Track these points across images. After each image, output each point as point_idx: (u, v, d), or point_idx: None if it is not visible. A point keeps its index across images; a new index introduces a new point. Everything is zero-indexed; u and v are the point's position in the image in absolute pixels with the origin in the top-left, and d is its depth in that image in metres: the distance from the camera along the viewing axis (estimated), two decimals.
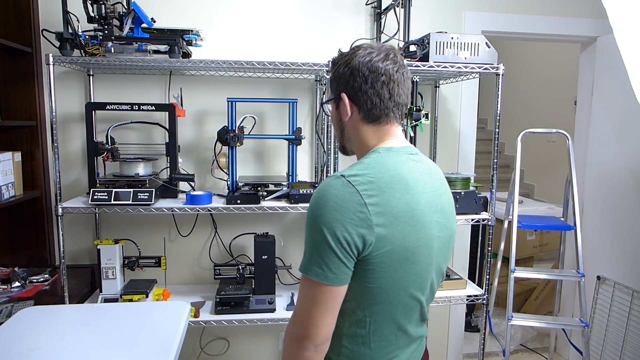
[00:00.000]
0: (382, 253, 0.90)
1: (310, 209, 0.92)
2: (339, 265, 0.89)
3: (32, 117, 2.11)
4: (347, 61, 1.01)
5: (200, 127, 2.28)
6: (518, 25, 2.46)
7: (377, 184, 0.91)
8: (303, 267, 0.92)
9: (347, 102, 1.02)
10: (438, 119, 2.44)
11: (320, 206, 0.90)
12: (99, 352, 1.20)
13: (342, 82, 1.02)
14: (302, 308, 0.93)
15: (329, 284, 0.89)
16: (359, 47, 1.02)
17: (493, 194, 2.04)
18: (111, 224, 2.27)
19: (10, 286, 1.88)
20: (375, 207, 0.89)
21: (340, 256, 0.88)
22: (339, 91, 1.03)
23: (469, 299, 2.13)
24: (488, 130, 5.90)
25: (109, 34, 1.83)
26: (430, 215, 0.97)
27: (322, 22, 2.30)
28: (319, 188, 0.93)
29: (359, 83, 0.99)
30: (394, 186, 0.92)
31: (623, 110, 2.44)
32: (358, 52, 1.01)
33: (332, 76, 1.06)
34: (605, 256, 2.56)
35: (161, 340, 1.26)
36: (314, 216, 0.91)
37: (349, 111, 1.02)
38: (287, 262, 2.34)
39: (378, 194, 0.90)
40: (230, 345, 2.43)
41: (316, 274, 0.89)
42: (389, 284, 0.94)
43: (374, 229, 0.88)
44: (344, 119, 1.05)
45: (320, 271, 0.89)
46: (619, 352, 2.41)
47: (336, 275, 0.89)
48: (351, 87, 1.01)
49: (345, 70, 1.01)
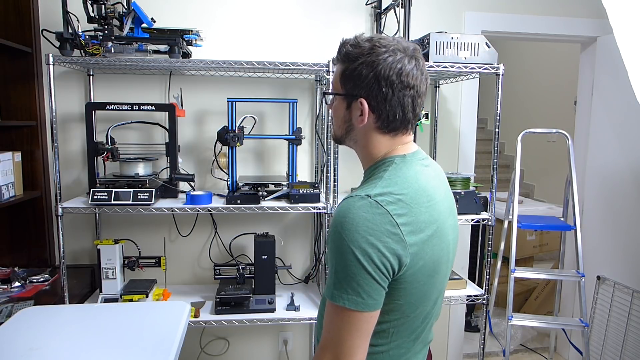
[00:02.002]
0: (415, 271, 0.87)
1: (337, 234, 0.84)
2: (377, 290, 0.84)
3: (32, 117, 2.11)
4: (372, 62, 0.88)
5: (200, 127, 2.28)
6: (518, 25, 2.46)
7: (405, 201, 0.86)
8: (336, 297, 0.84)
9: (366, 109, 0.91)
10: (438, 119, 2.44)
11: (350, 231, 0.82)
12: (99, 352, 1.20)
13: (363, 85, 0.90)
14: (337, 337, 0.86)
15: (369, 310, 0.84)
16: (382, 44, 0.89)
17: (493, 194, 2.04)
18: (111, 224, 2.27)
19: (10, 286, 1.88)
20: (406, 227, 0.84)
21: (378, 281, 0.83)
22: (356, 93, 0.91)
23: (469, 299, 2.14)
24: (488, 130, 5.90)
25: (109, 34, 1.83)
26: (447, 221, 0.95)
27: (322, 22, 2.30)
28: (343, 211, 0.85)
29: (384, 93, 0.89)
30: (418, 200, 0.88)
31: (623, 110, 2.44)
32: (382, 53, 0.88)
33: (349, 71, 0.91)
34: (605, 256, 2.56)
35: (161, 340, 1.26)
36: (343, 241, 0.83)
37: (365, 118, 0.92)
38: (287, 262, 2.34)
39: (407, 212, 0.85)
40: (230, 345, 2.43)
41: (354, 302, 0.83)
42: (417, 298, 0.91)
43: (408, 249, 0.85)
44: (355, 124, 0.95)
45: (359, 299, 0.83)
46: (619, 352, 2.41)
47: (376, 301, 0.84)
48: (374, 95, 0.90)
49: (368, 73, 0.89)
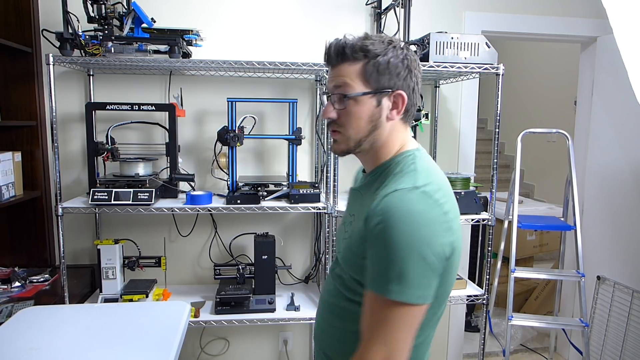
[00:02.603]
0: (455, 258, 0.89)
1: (393, 229, 0.82)
2: (435, 281, 0.85)
3: (32, 117, 2.11)
4: (399, 56, 0.93)
5: (200, 127, 2.28)
6: (518, 25, 2.46)
7: (443, 189, 0.90)
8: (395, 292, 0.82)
9: (404, 100, 0.94)
10: (438, 119, 2.44)
11: (407, 224, 0.82)
12: (99, 352, 1.20)
13: (397, 77, 0.93)
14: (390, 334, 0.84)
15: (425, 303, 0.85)
16: (392, 38, 0.96)
17: (493, 194, 2.04)
18: (111, 224, 2.27)
19: (10, 286, 1.88)
20: (451, 214, 0.87)
21: (436, 272, 0.84)
22: (392, 86, 0.93)
23: (469, 299, 2.14)
24: (488, 130, 5.90)
25: (109, 34, 1.83)
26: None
27: (322, 22, 2.30)
28: (395, 204, 0.84)
29: (414, 82, 0.96)
30: (448, 189, 0.92)
31: (623, 110, 2.44)
32: (406, 48, 0.95)
33: (377, 65, 0.92)
34: (605, 256, 2.56)
35: (161, 340, 1.26)
36: (402, 235, 0.81)
37: (401, 111, 0.95)
38: (287, 262, 2.34)
39: (447, 200, 0.88)
40: (230, 345, 2.43)
41: (414, 296, 0.82)
42: (450, 286, 0.92)
43: (455, 234, 0.87)
44: (383, 120, 0.95)
45: (419, 292, 0.83)
46: (619, 352, 2.41)
47: (431, 293, 0.85)
48: (407, 84, 0.94)
49: (400, 64, 0.93)
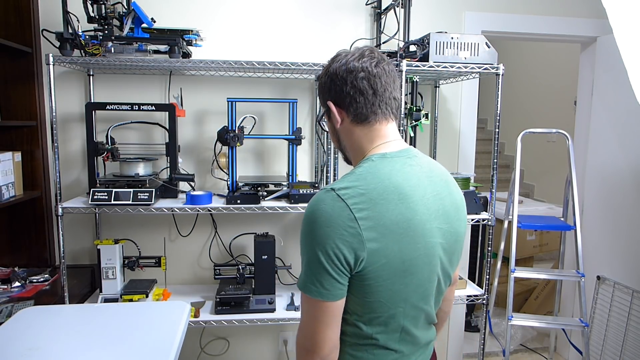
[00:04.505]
0: (377, 267, 0.88)
1: (303, 224, 0.92)
2: (331, 281, 0.89)
3: (32, 117, 2.11)
4: (326, 71, 1.02)
5: (200, 127, 2.28)
6: (518, 25, 2.46)
7: (368, 196, 0.88)
8: (300, 284, 0.92)
9: (334, 108, 1.01)
10: (438, 119, 2.44)
11: (311, 222, 0.89)
12: (99, 352, 1.20)
13: (325, 90, 1.03)
14: (305, 323, 0.94)
15: (324, 300, 0.90)
16: (337, 55, 1.03)
17: (493, 194, 2.04)
18: (111, 224, 2.27)
19: (10, 286, 1.88)
20: (366, 222, 0.86)
21: (332, 273, 0.88)
22: (325, 100, 1.04)
23: (469, 299, 2.14)
24: (488, 130, 5.90)
25: (109, 34, 1.83)
26: (431, 222, 0.94)
27: (322, 22, 2.30)
28: (310, 203, 0.93)
29: (339, 86, 0.98)
30: (386, 197, 0.89)
31: (623, 110, 2.44)
32: (335, 59, 1.02)
33: (318, 90, 1.07)
34: (605, 256, 2.56)
35: (161, 340, 1.26)
36: (306, 232, 0.90)
37: (338, 117, 1.01)
38: (287, 262, 2.34)
39: (369, 207, 0.87)
40: (230, 345, 2.43)
41: (310, 290, 0.90)
42: (387, 296, 0.92)
43: (366, 244, 0.86)
44: (336, 127, 1.04)
45: (315, 288, 0.89)
46: (619, 352, 2.41)
47: (329, 292, 0.89)
48: (334, 92, 1.00)
49: (326, 79, 1.02)
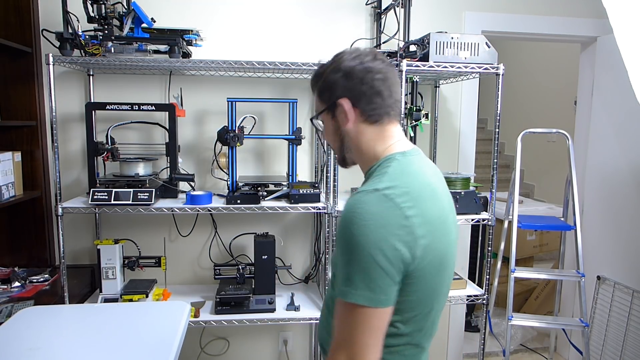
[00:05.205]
0: (425, 264, 0.87)
1: (347, 230, 0.84)
2: (390, 285, 0.84)
3: (32, 117, 2.11)
4: (335, 67, 0.98)
5: (200, 127, 2.28)
6: (518, 25, 2.46)
7: (412, 194, 0.87)
8: (348, 294, 0.84)
9: (349, 106, 0.97)
10: (438, 119, 2.44)
11: (360, 226, 0.83)
12: (99, 352, 1.20)
13: (336, 87, 0.97)
14: (350, 336, 0.85)
15: (381, 306, 0.84)
16: (342, 53, 0.99)
17: (493, 194, 2.04)
18: (111, 224, 2.27)
19: (10, 286, 1.88)
20: (416, 219, 0.85)
21: (391, 275, 0.84)
22: (335, 98, 0.98)
23: (469, 299, 2.14)
24: (488, 130, 5.90)
25: (109, 34, 1.83)
26: (449, 217, 0.96)
27: (322, 22, 2.30)
28: (351, 206, 0.86)
29: (356, 84, 0.95)
30: (424, 194, 0.90)
31: (623, 110, 2.44)
32: (344, 57, 0.98)
33: (321, 86, 1.01)
34: (605, 256, 2.56)
35: (161, 340, 1.26)
36: (353, 237, 0.83)
37: (349, 116, 0.97)
38: (287, 262, 2.34)
39: (415, 204, 0.86)
40: (230, 345, 2.43)
41: (367, 299, 0.83)
42: (427, 293, 0.91)
43: (419, 241, 0.85)
44: (344, 126, 0.99)
45: (372, 295, 0.83)
46: (619, 352, 2.41)
47: (388, 297, 0.85)
48: (349, 89, 0.96)
49: (336, 76, 0.97)
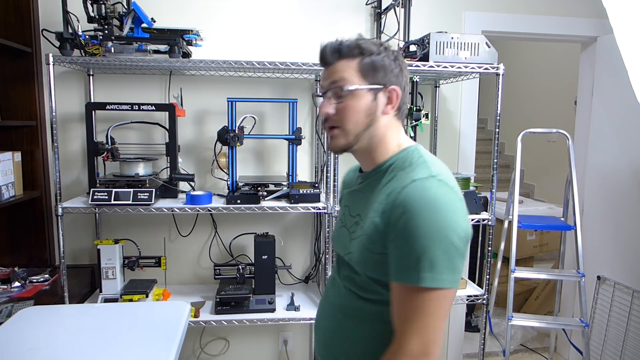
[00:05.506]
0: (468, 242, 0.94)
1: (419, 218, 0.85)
2: (462, 264, 0.88)
3: (32, 117, 2.11)
4: (395, 56, 1.01)
5: (200, 127, 2.28)
6: (518, 25, 2.46)
7: (453, 179, 0.94)
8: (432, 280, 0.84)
9: (400, 95, 1.00)
10: (438, 119, 2.44)
11: (432, 212, 0.85)
12: (99, 352, 1.20)
13: (392, 73, 1.00)
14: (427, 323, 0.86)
15: (456, 287, 0.88)
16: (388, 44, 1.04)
17: (493, 194, 2.04)
18: (111, 224, 2.27)
19: (10, 286, 1.88)
20: (463, 201, 0.92)
21: (464, 256, 0.88)
22: (387, 82, 0.99)
23: (469, 299, 2.14)
24: (488, 130, 5.90)
25: (109, 34, 1.83)
26: None
27: (322, 22, 2.30)
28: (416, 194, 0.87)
29: (405, 80, 1.02)
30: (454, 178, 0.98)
31: (623, 110, 2.44)
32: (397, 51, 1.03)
33: (372, 62, 0.98)
34: (605, 256, 2.56)
35: (161, 340, 1.26)
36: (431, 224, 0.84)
37: (396, 106, 1.01)
38: (287, 262, 2.34)
39: (458, 188, 0.94)
40: (230, 345, 2.43)
41: (451, 281, 0.85)
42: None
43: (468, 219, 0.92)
44: (379, 115, 0.99)
45: (453, 277, 0.86)
46: (619, 352, 2.41)
47: (460, 277, 0.88)
48: (399, 82, 1.01)
49: (393, 63, 1.00)
